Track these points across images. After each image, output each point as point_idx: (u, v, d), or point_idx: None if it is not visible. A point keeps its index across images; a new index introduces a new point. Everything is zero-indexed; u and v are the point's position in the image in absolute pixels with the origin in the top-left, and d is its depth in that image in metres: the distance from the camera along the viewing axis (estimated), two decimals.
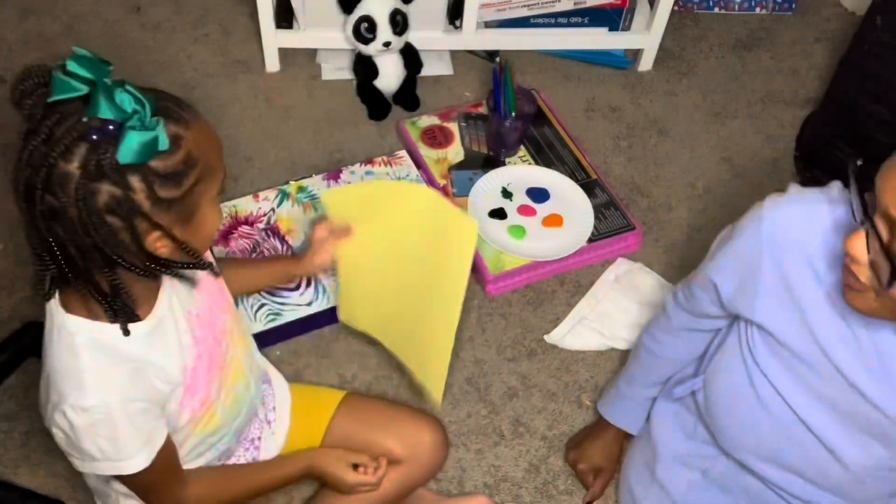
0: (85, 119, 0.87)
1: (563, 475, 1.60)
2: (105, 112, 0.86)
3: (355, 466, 1.31)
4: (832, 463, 1.22)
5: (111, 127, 0.87)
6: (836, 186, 1.13)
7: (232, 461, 1.30)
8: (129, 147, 0.87)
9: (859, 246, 0.97)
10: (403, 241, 1.36)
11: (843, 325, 1.10)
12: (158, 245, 0.96)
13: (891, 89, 1.79)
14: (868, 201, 0.97)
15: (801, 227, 1.13)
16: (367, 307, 1.48)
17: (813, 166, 2.03)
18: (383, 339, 1.52)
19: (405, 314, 1.42)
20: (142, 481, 1.11)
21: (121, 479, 1.13)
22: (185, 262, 1.02)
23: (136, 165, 0.88)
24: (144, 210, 0.91)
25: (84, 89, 0.88)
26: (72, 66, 0.87)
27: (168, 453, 1.12)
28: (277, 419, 1.38)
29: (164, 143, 0.90)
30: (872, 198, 0.96)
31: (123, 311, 1.00)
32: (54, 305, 1.02)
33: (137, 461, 1.06)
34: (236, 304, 1.38)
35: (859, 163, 1.00)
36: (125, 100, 0.88)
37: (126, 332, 1.01)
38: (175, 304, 1.10)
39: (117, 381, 1.01)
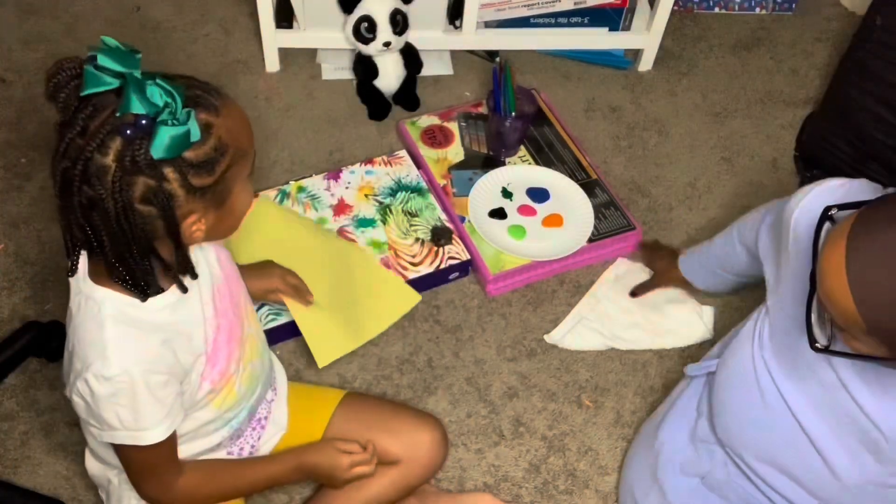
0: (118, 114, 0.88)
1: (562, 475, 1.60)
2: (136, 107, 0.88)
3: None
4: (825, 470, 1.21)
5: (143, 122, 0.88)
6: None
7: (239, 441, 1.30)
8: (162, 142, 0.88)
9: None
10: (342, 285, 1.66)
11: None
12: (194, 229, 0.98)
13: (891, 89, 1.79)
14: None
15: (812, 223, 1.10)
16: (331, 332, 1.61)
17: (813, 166, 2.03)
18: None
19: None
20: (144, 460, 1.12)
21: (122, 455, 1.14)
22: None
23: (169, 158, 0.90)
24: (179, 198, 0.93)
25: (115, 83, 0.89)
26: (102, 61, 0.88)
27: (174, 437, 1.13)
28: (277, 398, 1.38)
29: (195, 135, 0.91)
30: None
31: (154, 290, 1.02)
32: (81, 277, 1.03)
33: (157, 432, 1.07)
34: None
35: (832, 212, 1.00)
36: (156, 93, 0.89)
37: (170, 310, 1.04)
38: (201, 274, 1.11)
39: (141, 351, 1.03)
